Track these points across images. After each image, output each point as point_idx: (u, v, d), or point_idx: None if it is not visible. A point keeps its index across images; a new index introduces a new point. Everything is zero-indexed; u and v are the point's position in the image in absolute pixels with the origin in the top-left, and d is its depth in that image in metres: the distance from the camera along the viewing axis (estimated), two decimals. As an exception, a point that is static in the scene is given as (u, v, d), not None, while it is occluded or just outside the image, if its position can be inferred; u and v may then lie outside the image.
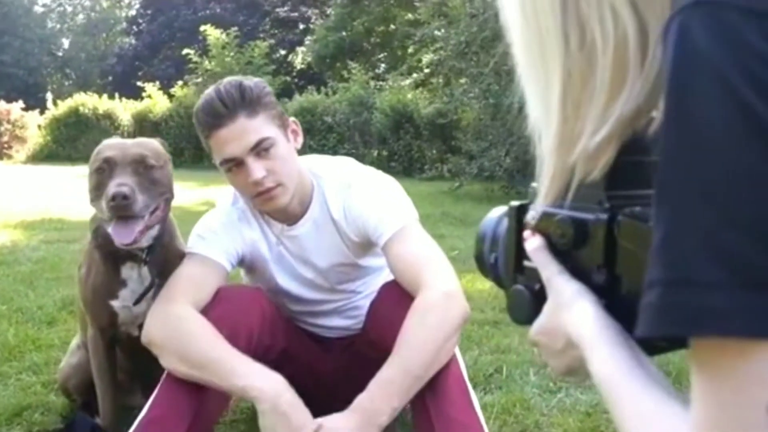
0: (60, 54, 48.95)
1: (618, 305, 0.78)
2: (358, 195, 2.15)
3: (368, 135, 17.67)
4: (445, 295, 1.93)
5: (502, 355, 3.19)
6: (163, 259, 2.17)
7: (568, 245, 0.84)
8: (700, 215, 0.56)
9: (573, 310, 0.82)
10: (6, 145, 22.06)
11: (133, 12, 44.37)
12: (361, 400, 1.82)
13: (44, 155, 21.45)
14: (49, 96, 23.37)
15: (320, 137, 17.60)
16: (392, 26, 29.86)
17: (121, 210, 1.94)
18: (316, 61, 30.23)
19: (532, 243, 0.89)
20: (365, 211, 2.12)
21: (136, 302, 2.17)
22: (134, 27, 40.57)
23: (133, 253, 2.14)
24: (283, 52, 33.99)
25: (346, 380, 2.18)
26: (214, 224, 2.22)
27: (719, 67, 0.55)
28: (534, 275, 0.90)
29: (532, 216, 0.89)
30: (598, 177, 0.75)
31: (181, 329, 1.96)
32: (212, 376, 1.87)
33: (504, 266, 0.98)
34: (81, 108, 21.82)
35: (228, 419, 2.54)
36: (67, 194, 10.08)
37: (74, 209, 8.60)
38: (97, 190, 2.03)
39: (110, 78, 39.83)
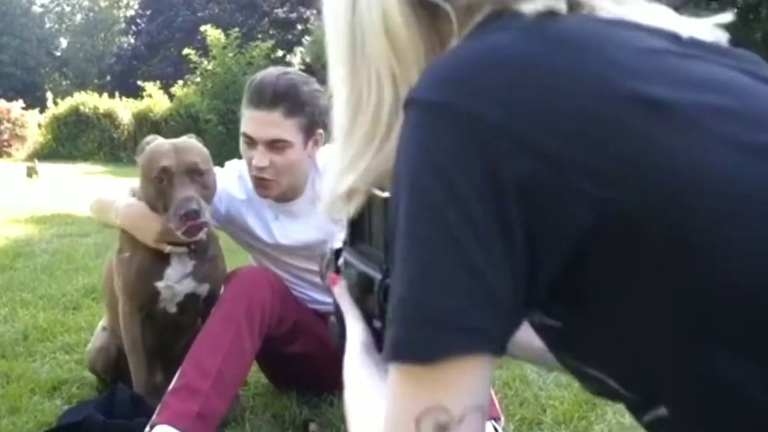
0: (58, 54, 49.04)
1: None
2: None
3: (367, 133, 17.72)
4: None
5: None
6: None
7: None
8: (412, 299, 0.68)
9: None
10: (6, 144, 22.15)
11: (131, 12, 44.11)
12: None
13: (45, 153, 21.36)
14: (49, 95, 23.24)
15: (319, 135, 17.50)
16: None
17: (193, 223, 2.18)
18: (314, 62, 30.34)
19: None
20: None
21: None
22: (133, 27, 40.48)
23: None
24: (281, 53, 34.10)
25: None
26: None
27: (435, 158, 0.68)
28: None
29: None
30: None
31: None
32: None
33: None
34: (81, 107, 21.95)
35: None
36: (72, 191, 10.24)
37: (81, 205, 8.77)
38: (158, 201, 2.26)
39: (108, 78, 39.94)
